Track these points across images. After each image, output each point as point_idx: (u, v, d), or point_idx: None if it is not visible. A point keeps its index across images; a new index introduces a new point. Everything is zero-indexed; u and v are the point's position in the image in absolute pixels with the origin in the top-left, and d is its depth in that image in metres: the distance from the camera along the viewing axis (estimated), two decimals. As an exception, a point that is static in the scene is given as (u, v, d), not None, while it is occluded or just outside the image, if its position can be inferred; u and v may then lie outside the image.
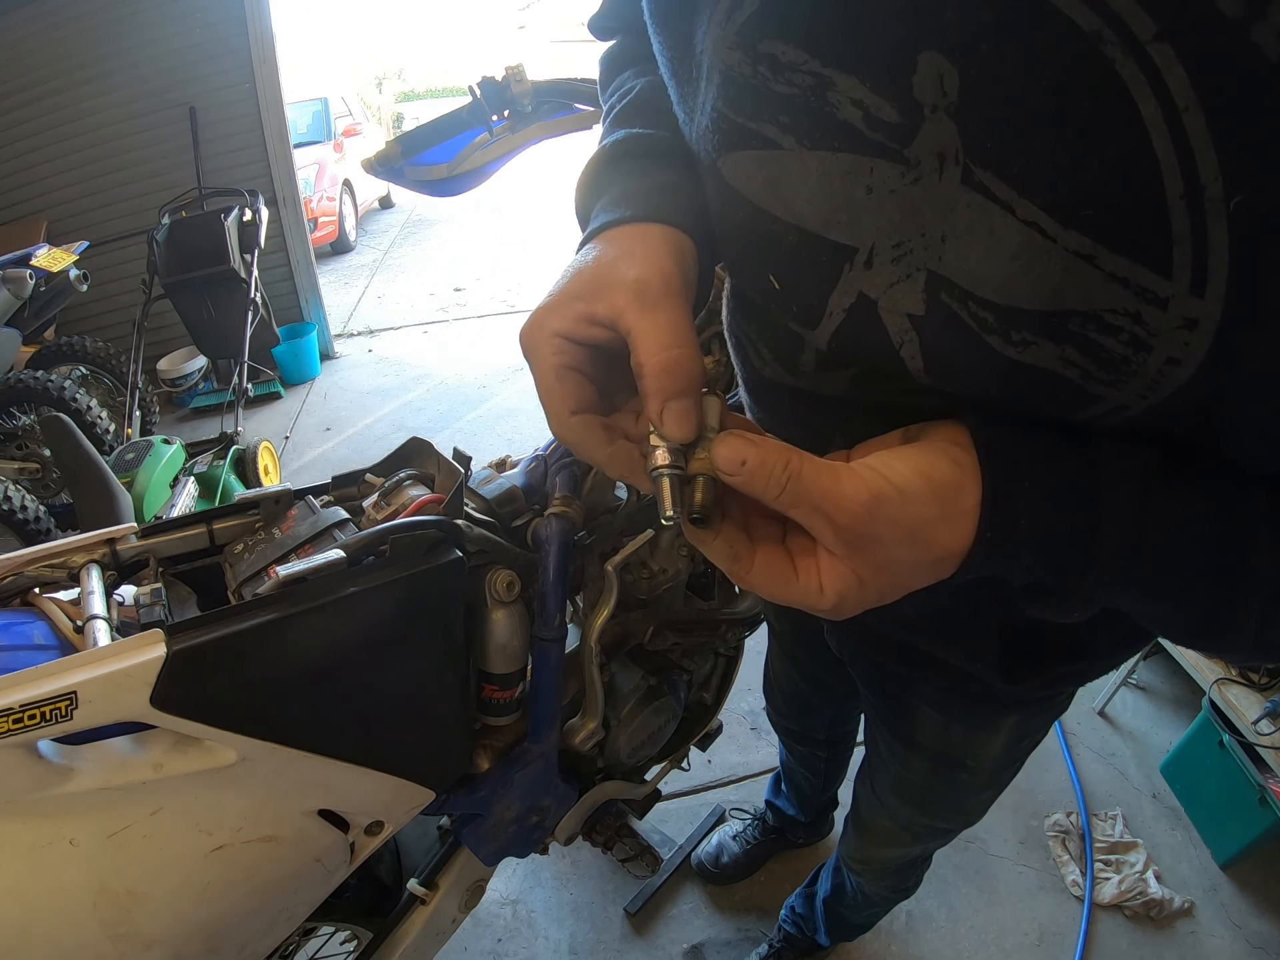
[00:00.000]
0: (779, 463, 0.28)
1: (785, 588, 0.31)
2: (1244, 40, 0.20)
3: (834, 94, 0.29)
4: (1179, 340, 0.25)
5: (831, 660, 0.77)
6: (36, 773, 0.45)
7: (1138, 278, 0.24)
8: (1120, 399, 0.28)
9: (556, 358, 0.33)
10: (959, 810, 0.79)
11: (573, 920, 1.35)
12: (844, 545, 0.29)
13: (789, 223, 0.33)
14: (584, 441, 0.33)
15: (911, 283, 0.30)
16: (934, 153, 0.27)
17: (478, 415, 3.14)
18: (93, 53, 2.96)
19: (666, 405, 0.30)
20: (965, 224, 0.27)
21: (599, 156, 0.41)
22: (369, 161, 1.05)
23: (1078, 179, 0.24)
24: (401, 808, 0.68)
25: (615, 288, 0.32)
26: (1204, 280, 0.23)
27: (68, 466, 1.67)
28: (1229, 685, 1.42)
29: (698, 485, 0.30)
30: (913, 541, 0.29)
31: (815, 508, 0.28)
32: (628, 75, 0.47)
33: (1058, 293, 0.26)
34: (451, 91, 15.28)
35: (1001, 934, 1.32)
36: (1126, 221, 0.24)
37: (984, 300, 0.28)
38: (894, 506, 0.28)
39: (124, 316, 3.02)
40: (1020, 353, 0.28)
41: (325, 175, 5.36)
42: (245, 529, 0.69)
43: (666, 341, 0.30)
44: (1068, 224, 0.25)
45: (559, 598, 0.68)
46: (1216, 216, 0.22)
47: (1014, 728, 0.65)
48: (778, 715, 1.13)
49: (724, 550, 0.31)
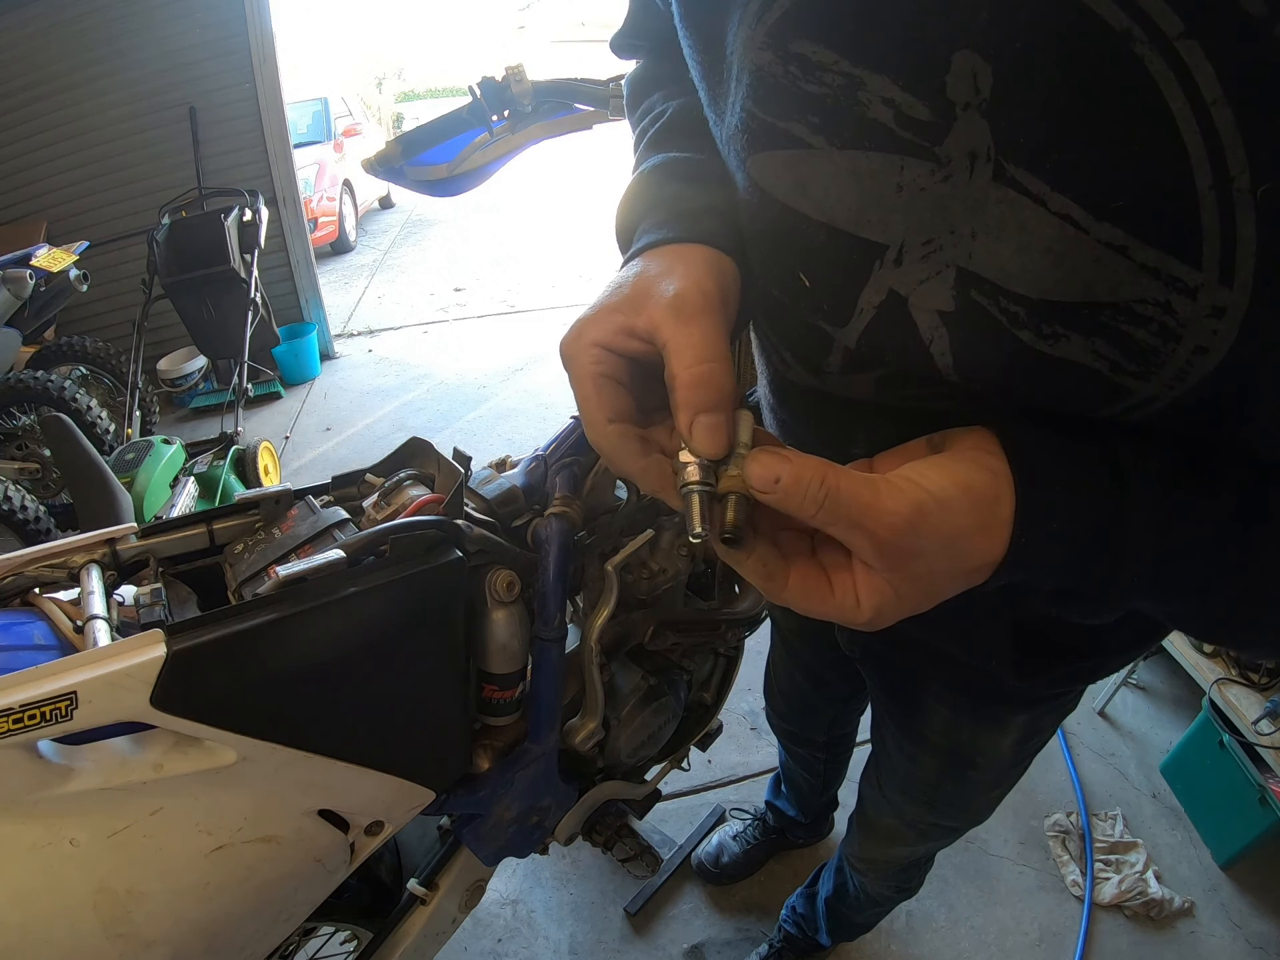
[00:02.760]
0: (815, 479, 0.27)
1: (822, 604, 0.31)
2: (1268, 37, 0.21)
3: (864, 93, 0.29)
4: (1208, 329, 0.25)
5: (836, 659, 0.77)
6: (36, 773, 0.45)
7: (1168, 268, 0.25)
8: (1148, 391, 0.28)
9: (595, 366, 0.33)
10: (967, 808, 0.79)
11: (573, 920, 1.35)
12: (883, 559, 0.29)
13: (819, 221, 0.34)
14: (619, 451, 0.32)
15: (941, 280, 0.31)
16: (965, 151, 0.27)
17: (478, 415, 3.14)
18: (93, 53, 2.96)
19: (697, 419, 0.30)
20: (997, 220, 0.28)
21: (641, 180, 0.42)
22: (369, 161, 1.05)
23: (1110, 172, 0.24)
24: (401, 808, 0.68)
25: (654, 302, 0.32)
26: (1232, 270, 0.24)
27: (68, 466, 1.67)
28: (1229, 685, 1.42)
29: (729, 504, 0.29)
30: (951, 553, 0.29)
31: (855, 523, 0.28)
32: (657, 98, 0.48)
33: (1089, 285, 0.26)
34: (451, 91, 15.26)
35: (1001, 934, 1.32)
36: (1158, 213, 0.24)
37: (1016, 295, 0.28)
38: (935, 519, 0.28)
39: (124, 316, 3.02)
40: (1051, 346, 0.29)
41: (325, 175, 5.35)
42: (245, 529, 0.69)
43: (701, 355, 0.30)
44: (1100, 216, 0.25)
45: (559, 598, 0.68)
46: (1244, 207, 0.22)
47: (1024, 726, 0.65)
48: (778, 716, 1.13)
49: (758, 569, 0.31)
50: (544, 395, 3.24)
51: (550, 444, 0.76)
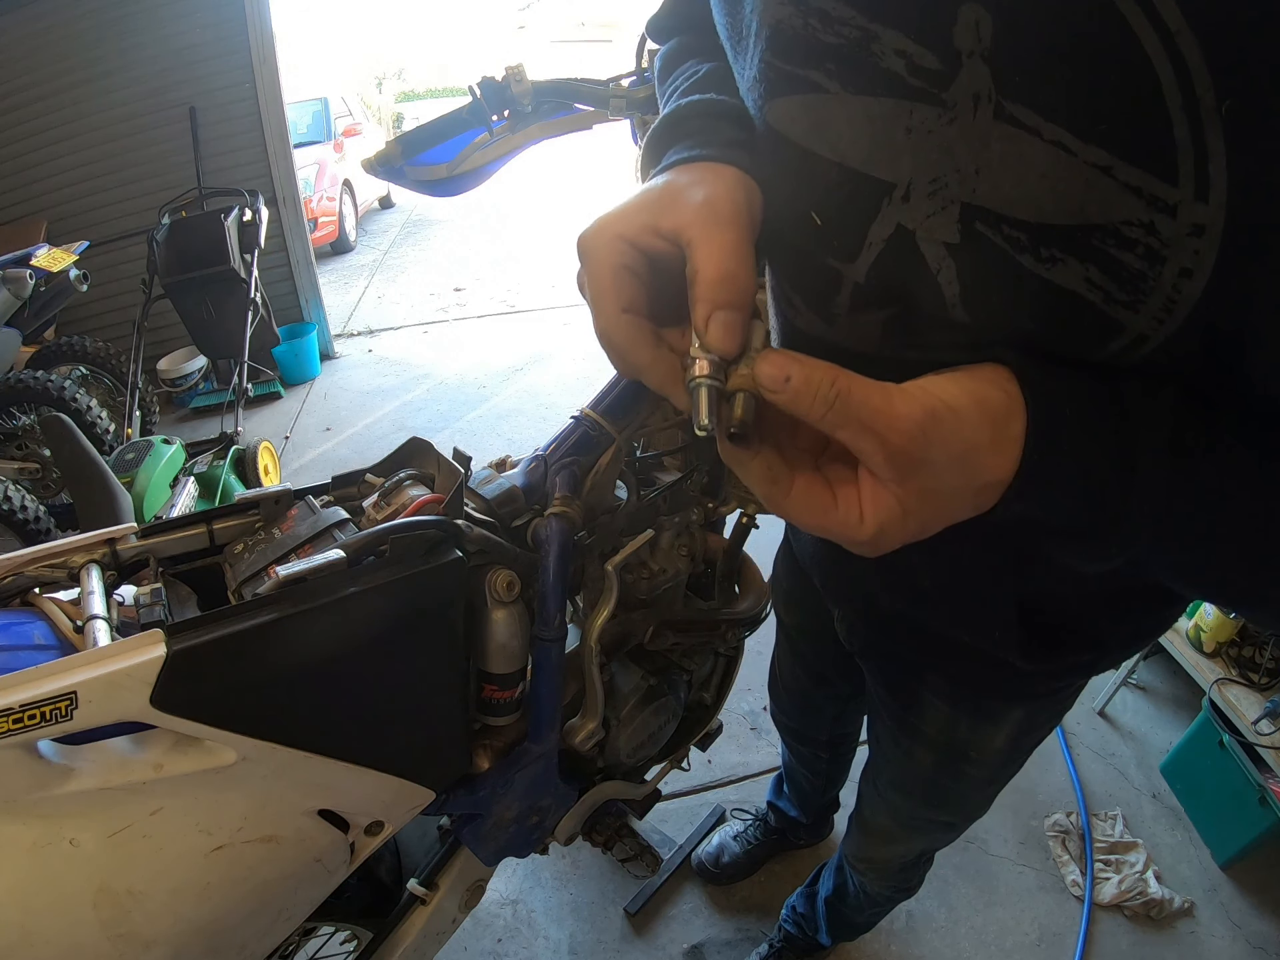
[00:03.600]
0: (826, 379, 0.27)
1: (824, 515, 0.31)
2: None
3: (877, 45, 0.31)
4: (1189, 249, 0.27)
5: (838, 655, 0.77)
6: (36, 773, 0.45)
7: (1150, 187, 0.27)
8: (1140, 326, 0.30)
9: (616, 257, 0.33)
10: (962, 804, 0.80)
11: (573, 920, 1.35)
12: (894, 469, 0.29)
13: (832, 161, 0.35)
14: (630, 341, 0.33)
15: (947, 214, 0.32)
16: (970, 94, 0.29)
17: (478, 415, 3.14)
18: (93, 53, 2.96)
19: (715, 313, 0.30)
20: (998, 155, 0.30)
21: (674, 112, 0.42)
22: (369, 161, 1.05)
23: (1093, 100, 0.27)
24: (401, 808, 0.68)
25: (683, 205, 0.33)
26: (1207, 185, 0.26)
27: (68, 466, 1.67)
28: (1229, 685, 1.43)
29: (738, 400, 0.29)
30: (963, 466, 0.30)
31: (865, 427, 0.28)
32: (691, 63, 0.49)
33: (1082, 207, 0.28)
34: (451, 91, 15.26)
35: (1001, 934, 1.32)
36: (1136, 133, 0.26)
37: (1017, 220, 0.30)
38: (947, 427, 0.28)
39: (124, 316, 3.02)
40: (1049, 271, 0.30)
41: (325, 175, 5.35)
42: (245, 529, 0.69)
43: (727, 254, 0.31)
44: (1087, 140, 0.27)
45: (559, 598, 0.68)
46: (1212, 123, 0.25)
47: (1019, 721, 0.65)
48: (782, 714, 1.13)
49: (762, 472, 0.31)
50: (544, 395, 3.24)
51: (550, 444, 0.75)
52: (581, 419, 0.75)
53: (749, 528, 1.02)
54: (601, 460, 0.74)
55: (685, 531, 0.94)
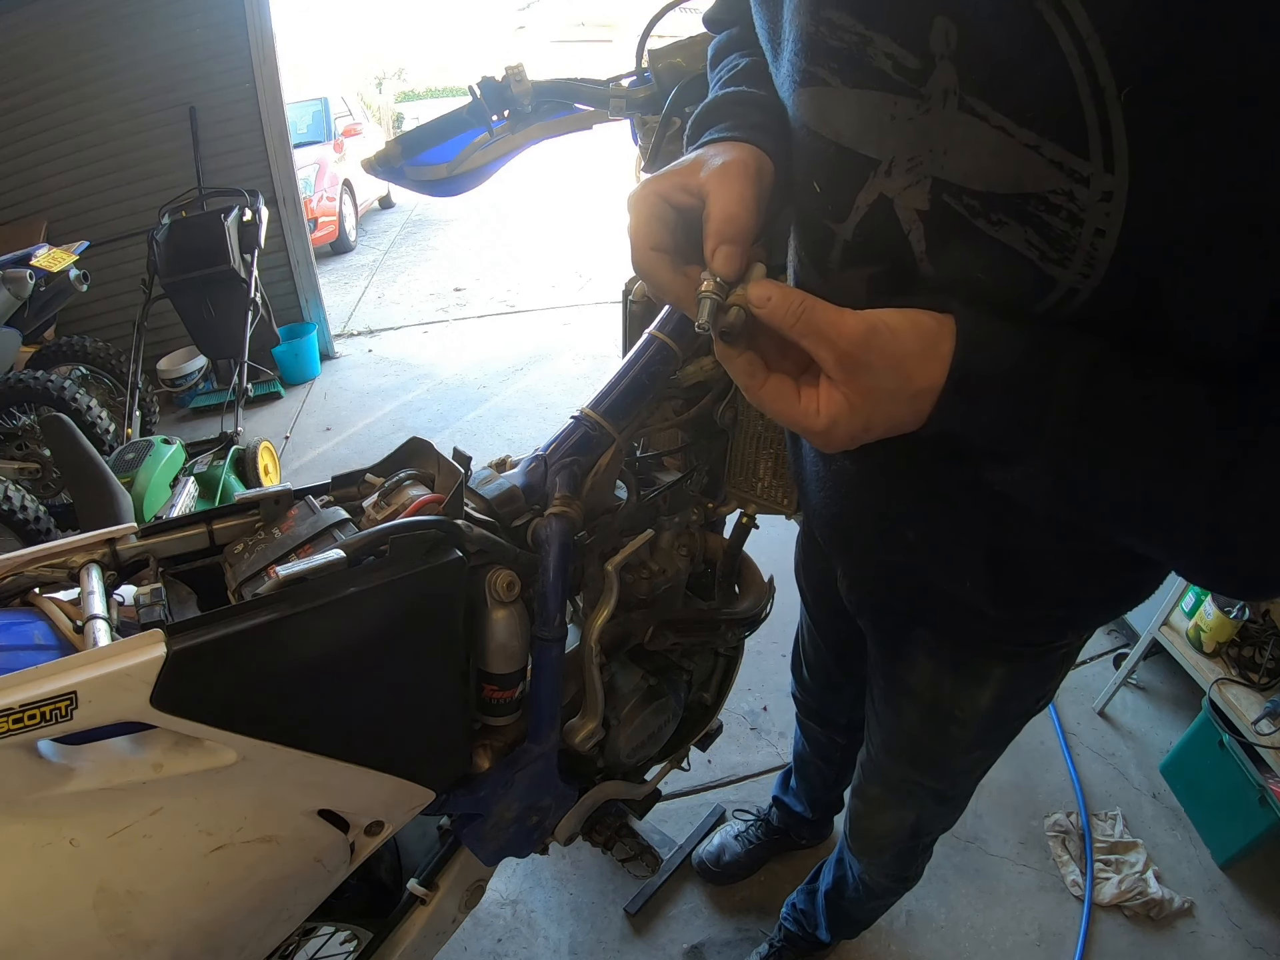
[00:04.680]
0: (796, 299, 0.37)
1: (789, 406, 0.40)
2: None
3: (872, 48, 0.39)
4: (1101, 212, 0.33)
5: (853, 632, 0.82)
6: (36, 773, 0.45)
7: (1068, 161, 0.33)
8: (1069, 280, 0.36)
9: (650, 209, 0.44)
10: (947, 768, 0.82)
11: (573, 920, 1.35)
12: (842, 370, 0.38)
13: (831, 140, 0.44)
14: (655, 268, 0.43)
15: (920, 187, 0.40)
16: (941, 89, 0.36)
17: (478, 415, 3.14)
18: (93, 53, 2.96)
19: (720, 246, 0.39)
20: (960, 138, 0.37)
21: (716, 101, 0.53)
22: (369, 161, 1.05)
23: (1027, 92, 0.33)
24: (401, 808, 0.68)
25: (706, 168, 0.43)
26: (1112, 159, 0.32)
27: (68, 466, 1.67)
28: (1229, 685, 1.43)
29: (732, 312, 0.39)
30: (898, 371, 0.38)
31: (822, 336, 0.37)
32: (735, 56, 0.60)
33: (1019, 178, 0.35)
34: (451, 91, 15.23)
35: (1001, 934, 1.32)
36: (1059, 119, 0.33)
37: (973, 191, 0.38)
38: (885, 338, 0.37)
39: (124, 316, 3.02)
40: (997, 231, 0.37)
41: (325, 175, 5.35)
42: (245, 529, 0.69)
43: (733, 202, 0.41)
44: (1022, 124, 0.34)
45: (559, 598, 0.68)
46: (1115, 109, 0.31)
47: (1002, 681, 0.69)
48: (804, 692, 1.15)
49: (744, 367, 0.40)
50: (544, 395, 3.24)
51: (550, 444, 0.75)
52: (581, 419, 0.75)
53: (749, 528, 1.02)
54: (601, 460, 0.74)
55: (685, 531, 0.94)
